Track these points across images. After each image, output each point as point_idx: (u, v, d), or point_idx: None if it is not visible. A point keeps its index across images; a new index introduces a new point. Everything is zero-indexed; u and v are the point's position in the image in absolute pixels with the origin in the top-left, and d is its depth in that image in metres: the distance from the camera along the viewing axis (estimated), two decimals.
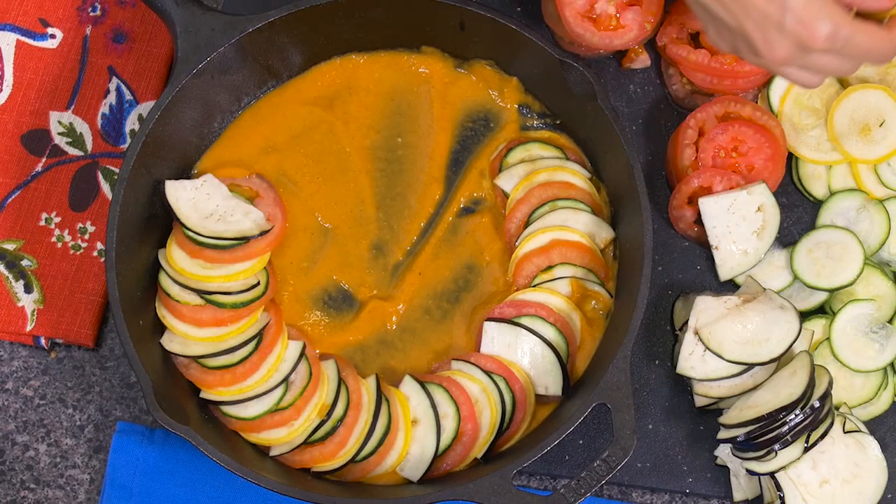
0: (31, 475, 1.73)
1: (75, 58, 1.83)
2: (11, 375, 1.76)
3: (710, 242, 1.68)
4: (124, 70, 1.83)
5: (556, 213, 1.67)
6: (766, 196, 1.68)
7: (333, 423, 1.62)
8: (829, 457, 1.61)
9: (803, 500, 1.61)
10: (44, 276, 1.76)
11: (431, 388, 1.65)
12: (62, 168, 1.80)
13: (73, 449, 1.74)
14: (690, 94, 1.74)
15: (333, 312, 1.72)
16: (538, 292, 1.67)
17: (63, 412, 1.75)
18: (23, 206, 1.78)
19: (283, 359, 1.65)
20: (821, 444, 1.60)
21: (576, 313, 1.66)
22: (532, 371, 1.65)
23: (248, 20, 1.65)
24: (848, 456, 1.61)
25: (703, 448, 1.68)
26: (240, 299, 1.65)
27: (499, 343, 1.66)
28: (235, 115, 1.75)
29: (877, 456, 1.62)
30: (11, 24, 1.84)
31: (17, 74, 1.83)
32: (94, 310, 1.75)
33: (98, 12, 1.85)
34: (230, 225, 1.65)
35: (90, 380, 1.76)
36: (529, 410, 1.65)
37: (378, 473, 1.63)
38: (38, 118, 1.81)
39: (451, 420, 1.63)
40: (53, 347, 1.77)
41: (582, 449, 1.68)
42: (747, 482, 1.65)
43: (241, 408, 1.63)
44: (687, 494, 1.69)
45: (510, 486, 1.53)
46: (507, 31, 1.66)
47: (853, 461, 1.61)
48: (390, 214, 1.74)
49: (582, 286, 1.67)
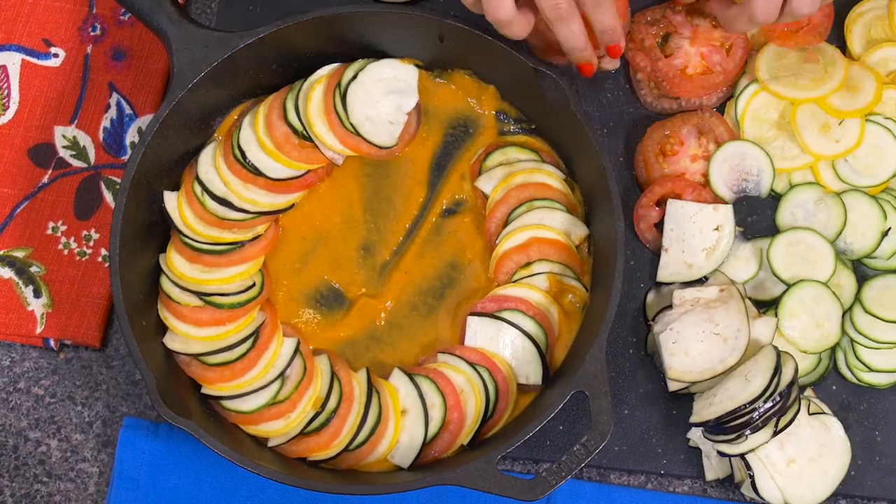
0: (44, 469, 1.74)
1: (77, 75, 1.83)
2: (23, 376, 1.76)
3: (663, 243, 1.69)
4: (124, 86, 1.82)
5: (533, 212, 1.67)
6: (729, 219, 1.69)
7: (327, 414, 1.64)
8: (795, 438, 1.62)
9: (772, 479, 1.60)
10: (52, 282, 1.76)
11: (419, 379, 1.66)
12: (67, 179, 1.80)
13: (83, 444, 1.75)
14: (658, 99, 1.75)
15: (325, 310, 1.72)
16: (518, 287, 1.67)
17: (72, 409, 1.75)
18: (31, 216, 1.78)
19: (279, 355, 1.66)
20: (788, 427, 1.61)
21: (554, 307, 1.67)
22: (513, 362, 1.66)
23: (239, 36, 1.65)
24: (813, 437, 1.63)
25: (676, 431, 1.69)
26: (237, 300, 1.66)
27: (482, 336, 1.67)
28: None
29: (840, 436, 1.63)
30: (17, 44, 1.85)
31: (23, 92, 1.83)
32: (100, 312, 1.76)
33: (98, 32, 1.85)
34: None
35: (97, 378, 1.76)
36: (512, 399, 1.66)
37: (370, 461, 1.64)
38: (44, 133, 1.81)
39: (438, 410, 1.64)
40: (62, 348, 1.78)
41: (562, 434, 1.69)
42: (718, 463, 1.66)
43: (239, 402, 1.64)
44: (661, 475, 1.70)
45: (495, 470, 1.54)
46: (484, 43, 1.65)
47: (818, 441, 1.63)
48: (377, 217, 1.74)
49: (559, 281, 1.67)
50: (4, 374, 1.76)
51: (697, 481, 1.68)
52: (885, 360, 1.67)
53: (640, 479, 1.69)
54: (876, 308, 1.64)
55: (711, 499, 1.68)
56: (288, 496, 1.70)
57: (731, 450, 1.58)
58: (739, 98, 1.72)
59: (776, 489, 1.61)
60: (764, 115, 1.72)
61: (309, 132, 1.69)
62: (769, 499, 1.61)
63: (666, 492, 1.68)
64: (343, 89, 1.68)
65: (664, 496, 1.68)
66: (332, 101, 1.69)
